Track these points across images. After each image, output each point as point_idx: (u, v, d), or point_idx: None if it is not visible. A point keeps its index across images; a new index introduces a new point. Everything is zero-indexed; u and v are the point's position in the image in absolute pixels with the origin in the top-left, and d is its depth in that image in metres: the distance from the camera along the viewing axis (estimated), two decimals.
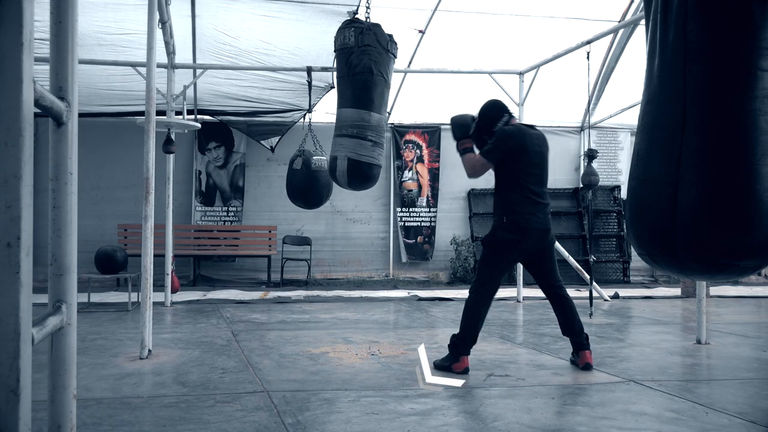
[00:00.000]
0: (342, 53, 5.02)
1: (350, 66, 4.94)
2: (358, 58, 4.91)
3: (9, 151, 0.97)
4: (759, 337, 5.78)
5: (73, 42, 1.37)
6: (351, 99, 4.97)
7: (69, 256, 1.37)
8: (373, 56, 4.92)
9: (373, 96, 4.95)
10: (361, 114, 4.94)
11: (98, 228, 9.32)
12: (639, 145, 2.17)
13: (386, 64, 5.04)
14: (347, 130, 4.96)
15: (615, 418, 3.19)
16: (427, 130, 10.33)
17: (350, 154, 4.94)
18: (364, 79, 4.92)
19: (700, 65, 1.98)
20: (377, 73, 4.93)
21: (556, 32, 8.48)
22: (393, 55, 5.13)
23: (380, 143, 5.09)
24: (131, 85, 8.35)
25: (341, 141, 4.99)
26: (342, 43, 5.01)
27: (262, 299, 8.15)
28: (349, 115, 4.97)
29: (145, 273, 4.62)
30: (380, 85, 4.98)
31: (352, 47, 4.94)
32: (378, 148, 5.06)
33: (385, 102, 5.14)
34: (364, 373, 4.17)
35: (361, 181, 5.08)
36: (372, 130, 4.98)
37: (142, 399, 3.50)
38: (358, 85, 4.94)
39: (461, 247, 10.18)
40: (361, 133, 4.93)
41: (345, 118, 4.99)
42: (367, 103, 4.94)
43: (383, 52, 4.99)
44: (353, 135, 4.94)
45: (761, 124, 1.94)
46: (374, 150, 5.02)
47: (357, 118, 4.94)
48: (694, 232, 1.97)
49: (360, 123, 4.93)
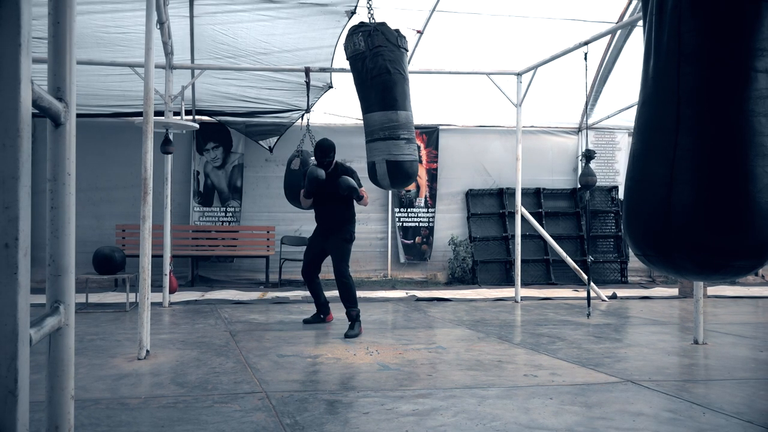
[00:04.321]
0: (356, 60, 5.05)
1: (367, 71, 4.98)
2: (373, 61, 4.95)
3: (7, 152, 0.97)
4: (756, 338, 5.79)
5: (71, 43, 1.37)
6: (375, 102, 5.02)
7: (67, 257, 1.38)
8: (386, 56, 4.96)
9: (396, 94, 4.99)
10: (388, 115, 4.98)
11: (96, 228, 9.31)
12: (635, 146, 2.18)
13: (401, 60, 5.08)
14: (379, 134, 5.01)
15: (612, 419, 3.20)
16: (425, 130, 10.34)
17: (387, 157, 5.00)
18: (383, 80, 4.96)
19: (693, 66, 1.99)
20: (394, 71, 4.97)
21: (554, 33, 8.49)
22: (405, 49, 5.17)
23: (412, 139, 5.13)
24: (129, 86, 8.34)
25: (375, 145, 5.04)
26: (353, 50, 5.05)
27: (260, 299, 8.15)
28: (378, 119, 5.01)
29: (143, 273, 4.61)
30: (400, 82, 5.02)
31: (364, 52, 4.97)
32: (411, 144, 5.10)
33: (408, 97, 5.17)
34: (362, 373, 4.18)
35: (403, 180, 5.17)
36: (402, 128, 5.02)
37: (140, 399, 3.50)
38: (379, 87, 4.97)
39: (459, 247, 10.18)
40: (393, 134, 4.98)
41: (374, 123, 5.03)
42: (391, 102, 4.98)
43: (395, 49, 5.03)
44: (386, 137, 4.98)
45: (755, 125, 1.95)
46: (409, 147, 5.07)
47: (385, 120, 4.98)
48: (688, 232, 1.98)
49: (389, 124, 4.97)
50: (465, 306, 7.76)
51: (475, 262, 10.14)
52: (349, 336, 5.55)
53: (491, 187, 10.57)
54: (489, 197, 10.58)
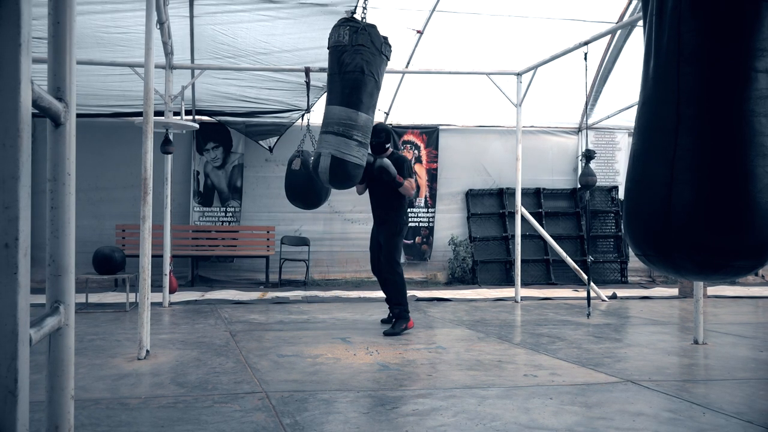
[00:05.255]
0: (335, 50, 5.01)
1: (342, 64, 4.95)
2: (351, 56, 4.92)
3: (7, 152, 0.97)
4: (756, 338, 5.79)
5: (71, 43, 1.37)
6: (340, 97, 4.98)
7: (67, 257, 1.38)
8: (365, 56, 4.92)
9: (362, 96, 4.96)
10: (349, 113, 4.95)
11: (96, 228, 9.31)
12: (635, 146, 2.18)
13: (378, 65, 5.04)
14: (333, 128, 4.97)
15: (612, 419, 3.20)
16: (425, 130, 10.34)
17: (334, 152, 4.95)
18: (354, 78, 4.92)
19: (693, 67, 1.99)
20: (368, 73, 4.93)
21: (554, 33, 8.49)
22: (386, 57, 5.13)
23: (365, 143, 5.12)
24: (129, 86, 8.34)
25: (327, 138, 5.00)
26: (336, 41, 5.01)
27: (260, 300, 8.14)
28: (337, 113, 4.98)
29: (143, 273, 4.61)
30: (370, 85, 4.98)
31: (345, 45, 4.94)
32: (363, 148, 5.09)
33: (374, 103, 5.14)
34: (362, 373, 4.18)
35: (342, 180, 5.12)
36: (358, 130, 4.99)
37: (140, 399, 3.50)
38: (348, 83, 4.94)
39: (459, 247, 10.18)
40: (347, 132, 4.95)
41: (332, 116, 5.00)
42: (356, 102, 4.95)
43: (376, 53, 4.99)
44: (339, 133, 4.95)
45: (755, 125, 1.95)
46: (359, 150, 5.04)
47: (344, 117, 4.95)
48: (688, 232, 1.98)
49: (347, 122, 4.94)
50: (465, 306, 7.75)
51: (475, 262, 10.14)
52: (388, 334, 5.56)
53: (491, 187, 10.57)
54: (489, 197, 10.58)
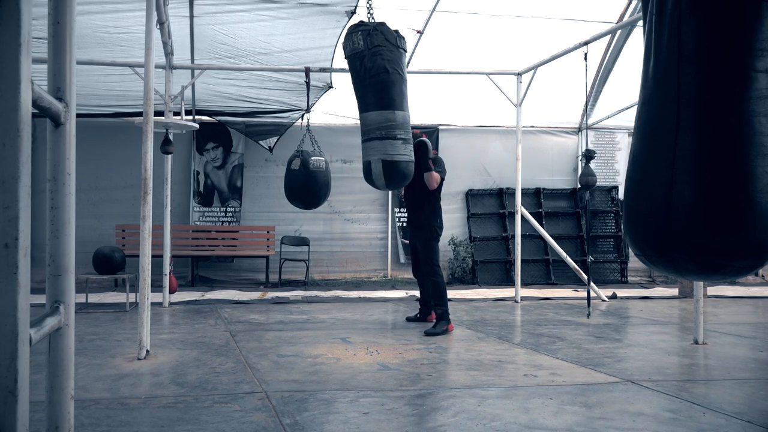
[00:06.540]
0: (354, 58, 5.03)
1: (365, 69, 4.97)
2: (371, 60, 4.94)
3: (7, 152, 0.97)
4: (756, 338, 5.79)
5: (71, 43, 1.37)
6: (373, 102, 5.00)
7: (67, 257, 1.38)
8: (385, 55, 4.94)
9: (393, 94, 4.98)
10: (386, 114, 4.97)
11: (96, 228, 9.31)
12: (635, 147, 2.18)
13: (399, 59, 5.07)
14: (375, 133, 5.00)
15: (612, 419, 3.20)
16: (425, 130, 10.33)
17: (383, 156, 4.99)
18: (381, 80, 4.94)
19: (693, 66, 1.99)
20: (392, 71, 4.96)
21: (554, 33, 8.49)
22: (403, 50, 5.16)
23: (408, 139, 5.13)
24: (129, 86, 8.34)
25: (372, 144, 5.03)
26: (352, 49, 5.03)
27: (260, 300, 8.14)
28: (375, 118, 5.00)
29: (143, 273, 4.61)
30: (398, 82, 5.01)
31: (363, 51, 4.96)
32: (407, 144, 5.11)
33: (405, 97, 5.15)
34: (362, 373, 4.18)
35: (398, 180, 5.18)
36: (399, 128, 5.01)
37: (140, 400, 3.50)
38: (377, 87, 4.96)
39: (459, 247, 10.18)
40: (390, 134, 4.97)
41: (371, 122, 5.02)
42: (389, 102, 4.97)
43: (394, 49, 5.01)
44: (382, 137, 4.98)
45: (755, 125, 1.95)
46: (405, 147, 5.07)
47: (382, 120, 4.97)
48: (688, 232, 1.98)
49: (386, 124, 4.96)
50: (465, 306, 7.75)
51: (475, 262, 10.14)
52: (429, 334, 5.60)
53: (491, 187, 10.57)
54: (489, 197, 10.58)
